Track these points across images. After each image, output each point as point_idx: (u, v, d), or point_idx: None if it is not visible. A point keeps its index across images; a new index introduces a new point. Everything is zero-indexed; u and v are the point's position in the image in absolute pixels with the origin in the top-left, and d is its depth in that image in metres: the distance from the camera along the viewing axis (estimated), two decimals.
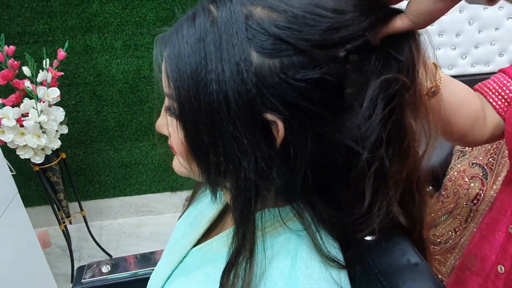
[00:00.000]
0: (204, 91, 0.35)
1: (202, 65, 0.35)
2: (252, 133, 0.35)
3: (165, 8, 1.41)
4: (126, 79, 1.51)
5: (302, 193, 0.40)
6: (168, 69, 0.37)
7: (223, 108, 0.34)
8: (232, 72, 0.34)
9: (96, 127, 1.58)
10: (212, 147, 0.37)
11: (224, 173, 0.38)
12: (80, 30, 1.41)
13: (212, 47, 0.35)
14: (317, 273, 0.39)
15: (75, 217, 1.55)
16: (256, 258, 0.39)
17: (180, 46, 0.36)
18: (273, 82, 0.34)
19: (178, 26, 0.38)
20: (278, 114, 0.35)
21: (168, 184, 1.76)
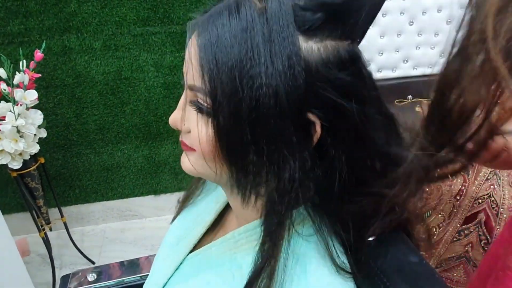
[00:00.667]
0: (249, 85, 0.33)
1: (248, 57, 0.33)
2: (299, 130, 0.34)
3: (146, 7, 1.39)
4: (107, 81, 1.48)
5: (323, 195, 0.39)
6: (204, 59, 0.34)
7: (271, 104, 0.33)
8: (284, 66, 0.32)
9: (75, 130, 1.54)
10: (253, 146, 0.34)
11: (265, 175, 0.36)
12: (57, 30, 1.36)
13: (260, 38, 0.33)
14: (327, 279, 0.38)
15: (55, 224, 1.50)
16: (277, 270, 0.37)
17: (219, 35, 0.34)
18: (319, 76, 0.33)
19: (215, 14, 0.35)
20: (319, 112, 0.34)
21: (152, 187, 1.73)
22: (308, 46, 0.34)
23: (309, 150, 0.35)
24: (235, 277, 0.39)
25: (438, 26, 1.48)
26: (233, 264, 0.42)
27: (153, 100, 1.55)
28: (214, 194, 0.54)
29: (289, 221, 0.38)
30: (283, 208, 0.36)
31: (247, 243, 0.41)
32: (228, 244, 0.45)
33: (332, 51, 0.34)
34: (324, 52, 0.34)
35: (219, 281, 0.42)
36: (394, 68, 1.54)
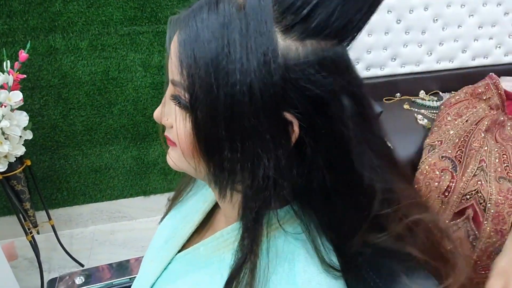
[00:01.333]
0: (225, 81, 0.32)
1: (225, 53, 0.32)
2: (274, 128, 0.34)
3: (133, 7, 1.37)
4: (94, 81, 1.46)
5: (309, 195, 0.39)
6: (183, 54, 0.34)
7: (246, 100, 0.32)
8: (259, 63, 0.32)
9: (62, 131, 1.52)
10: (228, 142, 0.34)
11: (239, 171, 0.36)
12: (42, 30, 1.34)
13: (237, 34, 0.32)
14: (316, 277, 0.38)
15: (43, 227, 1.48)
16: (259, 264, 0.37)
17: (198, 31, 0.33)
18: (296, 75, 0.33)
19: (196, 9, 0.35)
20: (297, 112, 0.34)
21: (141, 188, 1.72)
22: (286, 44, 0.33)
23: (286, 149, 0.35)
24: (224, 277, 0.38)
25: (425, 24, 1.49)
26: (221, 264, 0.42)
27: (141, 100, 1.53)
28: (203, 193, 0.54)
29: (267, 218, 0.38)
30: (257, 205, 0.36)
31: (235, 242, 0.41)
32: (216, 244, 0.45)
33: (312, 50, 0.33)
34: (303, 51, 0.33)
35: (208, 281, 0.42)
36: (382, 66, 1.55)
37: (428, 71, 1.59)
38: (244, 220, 0.37)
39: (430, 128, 1.39)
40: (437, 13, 1.48)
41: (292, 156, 0.35)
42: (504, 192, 1.17)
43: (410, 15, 1.46)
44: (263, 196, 0.35)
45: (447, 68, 1.60)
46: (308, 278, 0.38)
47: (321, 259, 0.39)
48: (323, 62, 0.34)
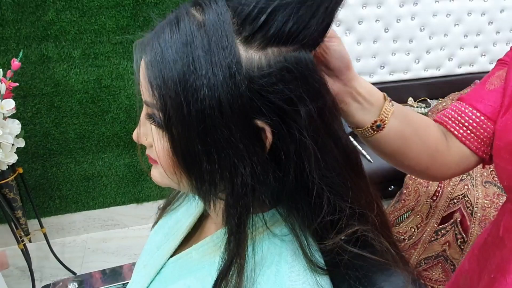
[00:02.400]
0: (194, 98, 0.33)
1: (191, 70, 0.33)
2: (246, 137, 0.35)
3: (125, 16, 1.39)
4: (86, 89, 1.47)
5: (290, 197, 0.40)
6: (151, 76, 0.35)
7: (216, 113, 0.33)
8: (224, 76, 0.33)
9: (55, 139, 1.52)
10: (205, 155, 0.35)
11: (219, 181, 0.37)
12: (35, 39, 1.35)
13: (200, 51, 0.33)
14: (302, 278, 0.39)
15: (34, 235, 1.47)
16: (246, 267, 0.39)
17: (163, 52, 0.34)
18: (261, 85, 0.34)
19: (159, 31, 0.36)
20: (267, 119, 0.35)
21: (134, 196, 1.72)
22: (248, 55, 0.34)
23: (261, 155, 0.36)
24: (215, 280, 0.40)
25: (412, 33, 1.53)
26: (212, 267, 0.43)
27: (134, 108, 1.54)
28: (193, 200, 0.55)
29: (252, 221, 0.39)
30: (238, 211, 0.37)
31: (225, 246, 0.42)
32: (207, 248, 0.46)
33: (274, 59, 0.34)
34: (265, 59, 0.34)
35: (199, 285, 0.43)
36: (371, 74, 1.58)
37: (416, 78, 1.63)
38: (228, 226, 0.39)
39: None
40: (424, 22, 1.52)
41: (268, 161, 0.37)
42: (490, 196, 1.19)
43: (398, 24, 1.50)
44: (243, 202, 0.37)
45: (434, 76, 1.64)
46: (294, 278, 0.39)
47: (307, 259, 0.40)
48: (285, 70, 0.35)
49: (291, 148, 0.37)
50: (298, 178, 0.38)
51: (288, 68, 0.35)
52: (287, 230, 0.42)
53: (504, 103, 0.53)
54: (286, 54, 0.35)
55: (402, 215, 1.29)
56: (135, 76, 0.38)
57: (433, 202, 1.24)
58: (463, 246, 1.20)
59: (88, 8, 1.34)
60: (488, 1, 1.53)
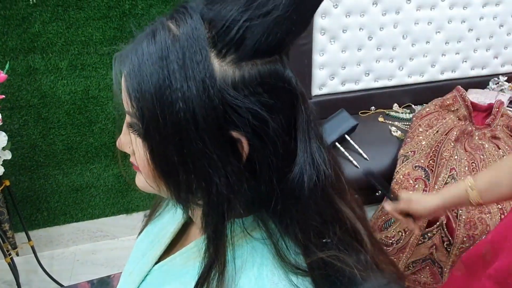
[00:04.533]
0: (170, 110, 0.34)
1: (166, 84, 0.34)
2: (221, 148, 0.36)
3: (112, 27, 1.40)
4: (74, 100, 1.47)
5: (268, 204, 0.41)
6: (130, 88, 0.36)
7: (191, 126, 0.34)
8: (198, 90, 0.34)
9: (42, 151, 1.51)
10: (181, 165, 0.36)
11: (195, 190, 0.38)
12: (21, 51, 1.35)
13: (175, 65, 0.34)
14: (283, 280, 0.40)
15: (22, 248, 1.45)
16: (226, 271, 0.39)
17: (141, 65, 0.35)
18: (235, 97, 0.35)
19: (137, 44, 0.37)
20: (242, 130, 0.36)
21: (123, 206, 1.71)
22: (222, 69, 0.35)
23: (236, 166, 0.37)
24: None
25: (395, 41, 1.57)
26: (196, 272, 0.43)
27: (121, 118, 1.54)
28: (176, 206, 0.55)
29: (232, 227, 0.40)
30: (215, 220, 0.38)
31: None
32: (191, 253, 0.46)
33: (248, 71, 0.35)
34: (239, 73, 0.35)
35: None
36: (356, 81, 1.61)
37: (400, 85, 1.66)
38: (206, 232, 0.40)
39: (403, 139, 1.45)
40: (406, 30, 1.55)
41: (243, 171, 0.38)
42: None
43: (381, 32, 1.53)
44: (218, 211, 0.38)
45: (418, 82, 1.67)
46: (276, 280, 0.40)
47: (286, 262, 0.41)
48: (259, 83, 0.36)
49: (265, 159, 0.38)
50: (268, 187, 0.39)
51: (262, 81, 0.35)
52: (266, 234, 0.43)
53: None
54: (261, 67, 0.36)
55: (390, 220, 1.31)
56: (114, 87, 0.39)
57: None
58: (449, 248, 1.22)
59: (74, 19, 1.35)
60: (468, 9, 1.58)
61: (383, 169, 1.40)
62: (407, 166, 1.32)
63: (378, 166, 1.39)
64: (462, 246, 1.20)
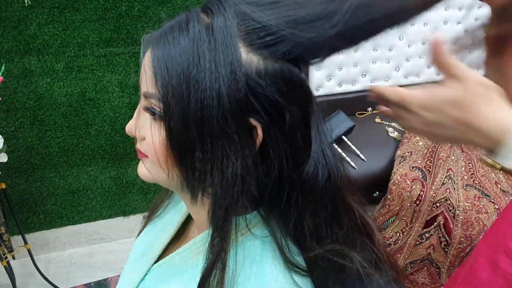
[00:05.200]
0: (195, 88, 0.36)
1: (195, 63, 0.36)
2: (240, 130, 0.37)
3: (109, 29, 1.39)
4: (70, 102, 1.46)
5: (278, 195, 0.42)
6: (157, 68, 0.38)
7: (215, 104, 0.36)
8: (226, 71, 0.36)
9: (38, 153, 1.50)
10: (199, 144, 0.38)
11: (210, 171, 0.39)
12: (17, 53, 1.34)
13: (206, 48, 0.37)
14: (282, 277, 0.40)
15: (18, 252, 1.44)
16: (228, 267, 0.40)
17: (170, 46, 0.38)
18: (258, 84, 0.37)
19: (168, 29, 0.39)
20: (259, 118, 0.38)
21: (120, 209, 1.70)
22: (248, 57, 0.38)
23: (252, 150, 0.39)
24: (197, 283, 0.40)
25: (392, 42, 1.57)
26: (195, 270, 0.43)
27: (119, 121, 1.54)
28: (178, 207, 0.55)
29: (237, 219, 0.41)
30: (226, 202, 0.39)
31: None
32: (190, 252, 0.47)
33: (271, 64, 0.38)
34: (263, 64, 0.38)
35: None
36: (353, 82, 1.61)
37: (397, 85, 1.66)
38: (213, 219, 0.40)
39: (400, 140, 1.45)
40: (402, 31, 1.56)
41: (257, 157, 0.39)
42: (471, 199, 1.22)
43: None
44: (231, 193, 0.39)
45: (415, 83, 1.68)
46: (275, 278, 0.40)
47: (286, 260, 0.41)
48: (279, 77, 0.38)
49: (279, 148, 0.39)
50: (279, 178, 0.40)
51: (282, 75, 0.38)
52: (267, 231, 0.43)
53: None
54: (282, 64, 0.38)
55: (387, 220, 1.31)
56: (139, 69, 0.41)
57: (416, 206, 1.26)
58: (447, 249, 1.23)
59: (71, 21, 1.35)
60: (463, 10, 1.59)
61: (380, 170, 1.40)
62: (404, 167, 1.33)
63: (375, 167, 1.39)
64: (460, 247, 1.21)
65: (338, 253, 0.41)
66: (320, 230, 0.42)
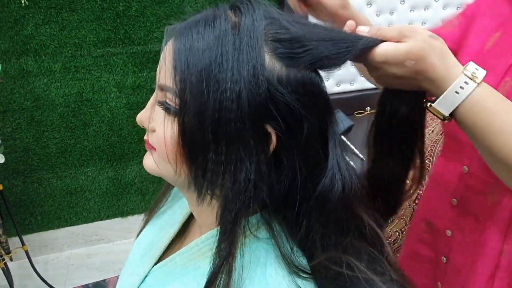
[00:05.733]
0: (215, 88, 0.36)
1: (217, 62, 0.36)
2: (256, 135, 0.37)
3: (106, 29, 1.39)
4: (67, 103, 1.45)
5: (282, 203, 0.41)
6: (177, 61, 0.37)
7: (234, 106, 0.35)
8: (248, 73, 0.35)
9: (36, 154, 1.50)
10: (214, 145, 0.37)
11: (222, 174, 0.38)
12: (14, 54, 1.34)
13: (230, 47, 0.36)
14: (287, 280, 0.40)
15: (16, 253, 1.44)
16: (234, 268, 0.39)
17: (194, 41, 0.37)
18: (279, 91, 0.37)
19: (193, 23, 0.38)
20: (275, 123, 0.37)
21: (118, 209, 1.70)
22: (271, 62, 0.37)
23: (266, 155, 0.38)
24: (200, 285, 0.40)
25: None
26: (197, 273, 0.43)
27: (117, 121, 1.54)
28: (178, 206, 0.55)
29: (244, 222, 0.40)
30: (237, 207, 0.38)
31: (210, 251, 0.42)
32: (192, 253, 0.46)
33: (293, 72, 0.38)
34: (285, 71, 0.37)
35: None
36: (352, 82, 1.61)
37: None
38: (222, 223, 0.39)
39: None
40: None
41: (271, 164, 0.39)
42: None
43: None
44: (243, 198, 0.38)
45: None
46: (279, 280, 0.40)
47: (289, 263, 0.41)
48: (300, 85, 0.38)
49: (293, 157, 0.39)
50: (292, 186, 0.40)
51: (303, 84, 0.38)
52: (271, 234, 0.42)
53: None
54: (305, 72, 0.38)
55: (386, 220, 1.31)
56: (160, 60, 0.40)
57: (415, 205, 1.26)
58: None
59: (68, 22, 1.34)
60: (460, 9, 1.59)
61: None
62: None
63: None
64: None
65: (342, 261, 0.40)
66: (327, 239, 0.41)
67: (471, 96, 0.42)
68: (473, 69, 0.42)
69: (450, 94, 0.42)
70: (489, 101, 0.42)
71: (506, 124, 0.42)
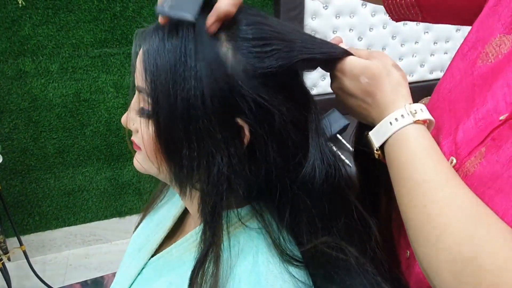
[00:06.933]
0: (181, 87, 0.37)
1: (182, 62, 0.37)
2: (225, 130, 0.38)
3: (103, 29, 1.39)
4: (65, 103, 1.46)
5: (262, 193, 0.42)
6: (146, 62, 0.38)
7: (199, 104, 0.37)
8: (207, 70, 0.36)
9: (33, 155, 1.50)
10: (186, 142, 0.38)
11: (196, 169, 0.39)
12: (11, 54, 1.34)
13: (192, 46, 0.37)
14: (278, 268, 0.41)
15: (14, 254, 1.44)
16: (222, 259, 0.40)
17: (160, 43, 0.38)
18: (245, 86, 0.37)
19: (160, 25, 0.40)
20: (246, 118, 0.38)
21: (116, 210, 1.70)
22: (236, 59, 0.38)
23: (238, 149, 0.39)
24: None
25: (385, 41, 1.59)
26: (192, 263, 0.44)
27: (114, 121, 1.54)
28: (173, 201, 0.56)
29: (227, 216, 0.41)
30: (213, 199, 0.40)
31: None
32: (187, 245, 0.47)
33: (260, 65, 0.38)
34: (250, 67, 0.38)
35: (180, 282, 0.44)
36: None
37: None
38: (203, 215, 0.41)
39: None
40: (395, 31, 1.58)
41: (245, 156, 0.40)
42: None
43: (370, 33, 1.55)
44: (217, 191, 0.39)
45: (408, 81, 1.69)
46: (271, 268, 0.41)
47: (280, 251, 0.42)
48: (270, 78, 0.38)
49: (268, 149, 0.39)
50: (268, 176, 0.41)
51: (271, 76, 0.38)
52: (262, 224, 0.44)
53: None
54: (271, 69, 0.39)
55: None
56: (132, 62, 0.42)
57: None
58: None
59: (65, 22, 1.34)
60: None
61: None
62: None
63: None
64: None
65: (332, 246, 0.41)
66: (315, 225, 0.42)
67: (402, 131, 0.38)
68: (419, 108, 0.39)
69: (384, 124, 0.40)
70: (417, 144, 0.38)
71: (416, 172, 0.37)
